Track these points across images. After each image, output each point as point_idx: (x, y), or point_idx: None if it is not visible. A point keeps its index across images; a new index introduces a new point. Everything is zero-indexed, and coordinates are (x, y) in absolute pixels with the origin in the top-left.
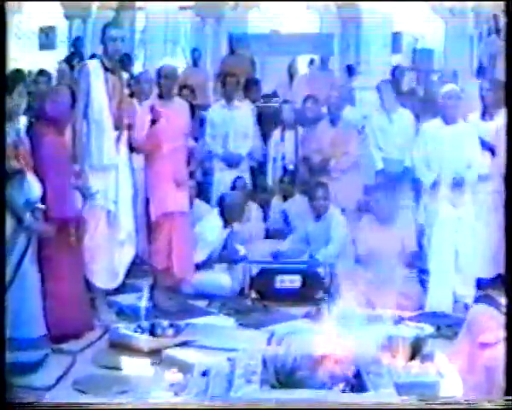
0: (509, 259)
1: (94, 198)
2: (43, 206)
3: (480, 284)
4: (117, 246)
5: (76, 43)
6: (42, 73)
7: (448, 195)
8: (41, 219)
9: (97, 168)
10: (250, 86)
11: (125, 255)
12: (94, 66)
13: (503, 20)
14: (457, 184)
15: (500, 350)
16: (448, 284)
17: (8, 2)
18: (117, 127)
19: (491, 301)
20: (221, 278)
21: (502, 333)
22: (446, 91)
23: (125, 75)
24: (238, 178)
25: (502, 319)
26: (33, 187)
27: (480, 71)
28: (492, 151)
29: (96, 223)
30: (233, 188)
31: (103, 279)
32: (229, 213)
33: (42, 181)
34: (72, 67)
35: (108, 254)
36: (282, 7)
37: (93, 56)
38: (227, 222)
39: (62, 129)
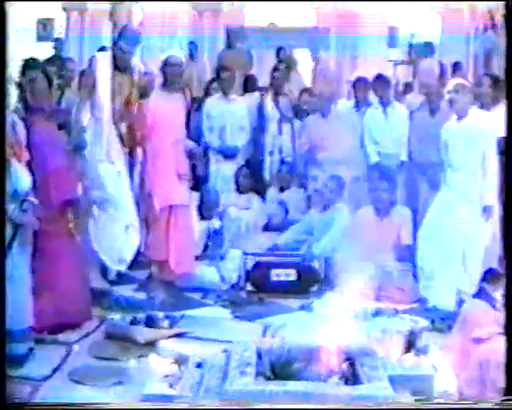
0: (508, 258)
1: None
2: (34, 200)
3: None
4: (121, 232)
5: (56, 46)
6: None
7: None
8: (30, 212)
9: (95, 162)
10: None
11: (130, 241)
12: (102, 61)
13: (498, 17)
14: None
15: (493, 346)
16: (453, 281)
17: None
18: (117, 124)
19: (486, 295)
20: (207, 272)
21: (495, 328)
22: (455, 85)
23: (142, 67)
24: (242, 166)
25: (495, 314)
26: (22, 178)
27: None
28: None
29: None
30: (237, 176)
31: (112, 259)
32: (205, 209)
33: (40, 170)
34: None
35: (113, 238)
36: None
37: (102, 49)
38: (203, 215)
39: (48, 115)
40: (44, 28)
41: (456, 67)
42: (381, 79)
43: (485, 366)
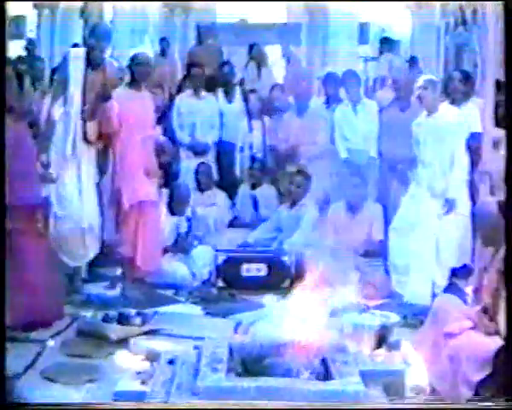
0: (508, 258)
1: (54, 182)
2: None
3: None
4: (79, 234)
5: (28, 47)
6: None
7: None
8: None
9: (60, 158)
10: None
11: (89, 241)
12: (75, 57)
13: (468, 12)
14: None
15: (464, 340)
16: (428, 275)
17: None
18: (85, 120)
19: (457, 290)
20: (178, 268)
21: (467, 323)
22: (424, 81)
23: (115, 64)
24: (201, 163)
25: (466, 308)
26: None
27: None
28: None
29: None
30: (196, 173)
31: (70, 258)
32: (175, 202)
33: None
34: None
35: (72, 241)
36: None
37: (75, 46)
38: (173, 210)
39: (19, 115)
40: (16, 26)
41: (413, 61)
42: (350, 75)
43: (456, 361)
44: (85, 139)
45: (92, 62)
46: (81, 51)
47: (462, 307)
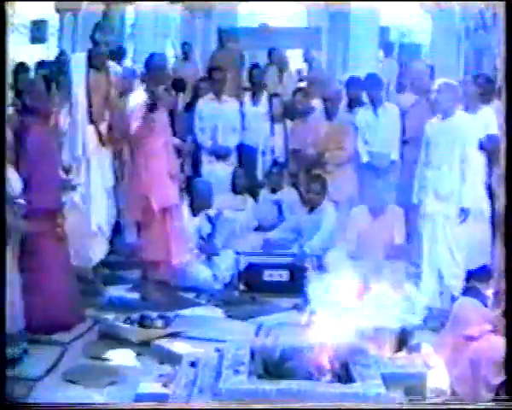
0: (508, 258)
1: (75, 190)
2: (22, 201)
3: (466, 275)
4: (89, 237)
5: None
6: (22, 66)
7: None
8: (19, 215)
9: (71, 161)
10: None
11: (98, 247)
12: (77, 61)
13: (488, 15)
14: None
15: (484, 344)
16: (440, 277)
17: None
18: (94, 122)
19: (477, 293)
20: (201, 271)
21: (487, 326)
22: (439, 84)
23: (118, 68)
24: (238, 168)
25: (486, 311)
26: (12, 180)
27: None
28: (480, 144)
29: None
30: (233, 179)
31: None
32: (197, 202)
33: (28, 173)
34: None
35: (81, 243)
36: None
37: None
38: (195, 211)
39: (45, 118)
40: (38, 30)
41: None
42: (372, 78)
43: (476, 364)
44: (100, 142)
45: (95, 64)
46: (82, 55)
47: (483, 309)
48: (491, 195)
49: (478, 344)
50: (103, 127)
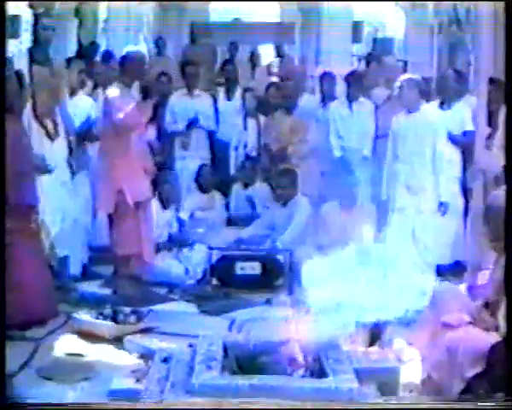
0: (508, 258)
1: (51, 174)
2: None
3: (440, 270)
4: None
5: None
6: None
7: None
8: None
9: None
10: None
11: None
12: (18, 58)
13: (462, 11)
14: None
15: (462, 333)
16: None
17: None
18: (38, 117)
19: None
20: (172, 266)
21: (465, 317)
22: (402, 80)
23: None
24: (203, 165)
25: (467, 301)
26: None
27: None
28: (454, 140)
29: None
30: (198, 176)
31: None
32: (166, 194)
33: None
34: None
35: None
36: None
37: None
38: (165, 204)
39: (16, 115)
40: (12, 25)
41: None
42: (355, 75)
43: (453, 351)
44: (49, 138)
45: (36, 58)
46: (24, 50)
47: (463, 298)
48: (465, 191)
49: (456, 333)
50: (49, 122)
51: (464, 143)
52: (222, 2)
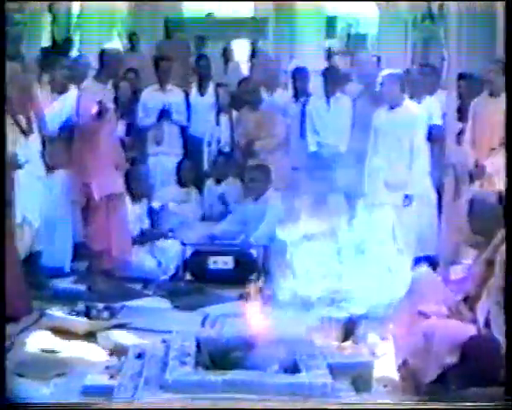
0: (508, 257)
1: (22, 168)
2: None
3: (414, 264)
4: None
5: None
6: None
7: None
8: None
9: None
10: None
11: (23, 239)
12: None
13: (435, 6)
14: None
15: (440, 322)
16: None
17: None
18: (12, 114)
19: None
20: (145, 260)
21: (443, 309)
22: (383, 75)
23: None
24: (184, 160)
25: (446, 292)
26: None
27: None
28: (430, 135)
29: None
30: (178, 171)
31: None
32: (137, 189)
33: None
34: None
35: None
36: None
37: None
38: (135, 199)
39: None
40: None
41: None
42: (331, 70)
43: (429, 338)
44: (22, 133)
45: (8, 52)
46: None
47: (442, 289)
48: (437, 184)
49: (432, 321)
50: (23, 118)
51: (433, 137)
52: (196, 1)
